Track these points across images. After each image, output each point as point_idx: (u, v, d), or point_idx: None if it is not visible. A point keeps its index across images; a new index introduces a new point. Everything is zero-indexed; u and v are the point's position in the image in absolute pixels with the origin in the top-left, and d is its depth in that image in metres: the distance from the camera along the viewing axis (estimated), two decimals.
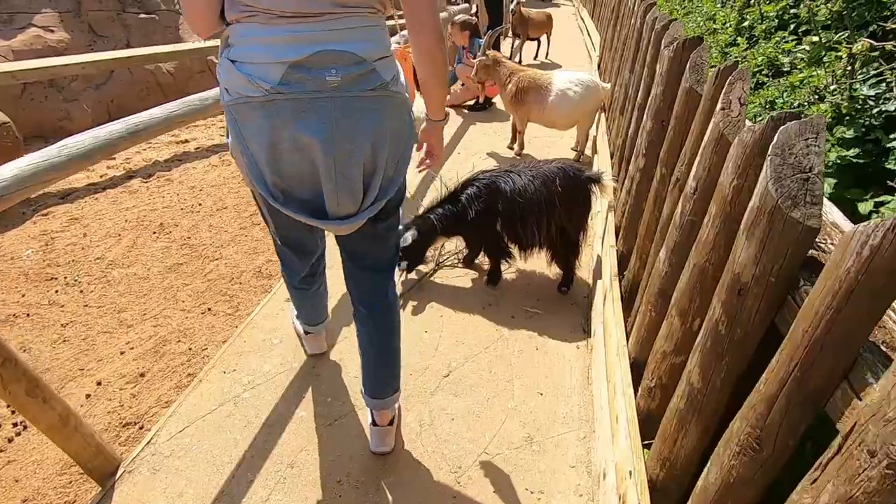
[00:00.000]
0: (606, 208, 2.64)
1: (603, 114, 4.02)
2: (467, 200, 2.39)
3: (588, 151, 4.36)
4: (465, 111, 5.42)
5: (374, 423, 1.69)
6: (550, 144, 4.59)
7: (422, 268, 2.74)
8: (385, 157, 1.21)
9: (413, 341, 2.22)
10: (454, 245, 2.90)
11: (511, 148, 4.43)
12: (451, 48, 6.31)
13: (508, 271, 2.73)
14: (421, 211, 2.66)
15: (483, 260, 2.72)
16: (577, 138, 4.34)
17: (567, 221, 2.39)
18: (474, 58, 4.51)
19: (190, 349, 2.27)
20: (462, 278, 2.69)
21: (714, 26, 3.12)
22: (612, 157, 3.15)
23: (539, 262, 2.67)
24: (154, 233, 3.13)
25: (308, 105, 1.10)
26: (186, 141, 4.70)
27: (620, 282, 2.10)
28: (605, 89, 3.95)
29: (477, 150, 4.37)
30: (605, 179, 2.43)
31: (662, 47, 1.98)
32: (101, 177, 3.91)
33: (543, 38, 7.68)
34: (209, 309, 2.52)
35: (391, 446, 1.71)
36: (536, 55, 7.87)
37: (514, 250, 2.52)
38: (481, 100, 5.37)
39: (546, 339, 2.27)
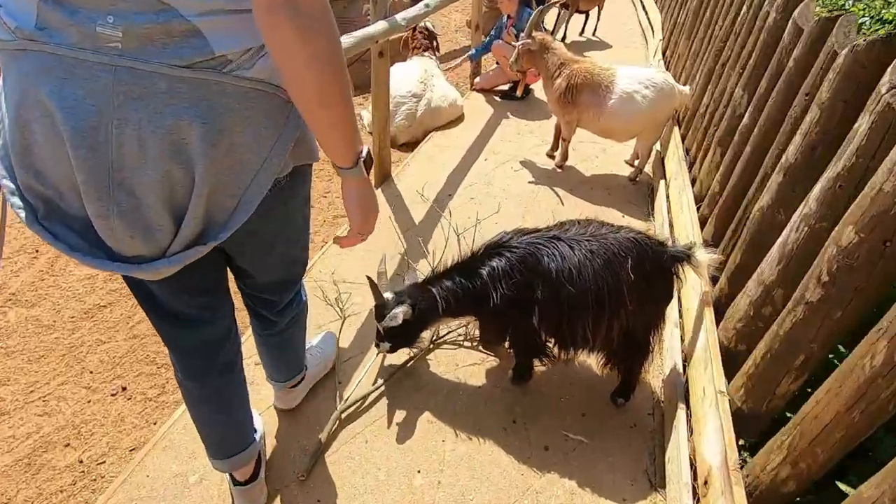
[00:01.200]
0: (700, 302, 1.81)
1: (677, 127, 3.13)
2: (491, 277, 1.61)
3: (648, 169, 3.49)
4: (497, 98, 4.52)
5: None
6: (600, 153, 3.72)
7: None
8: (215, 180, 0.82)
9: (398, 490, 1.50)
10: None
11: (551, 156, 3.58)
12: (487, 14, 5.33)
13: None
14: (413, 275, 1.89)
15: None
16: (637, 152, 3.47)
17: (636, 319, 1.61)
18: (518, 37, 3.58)
19: (80, 462, 1.58)
20: (472, 366, 1.94)
21: None
22: (693, 188, 2.32)
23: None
24: None
25: (72, 69, 0.73)
26: None
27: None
28: (683, 94, 3.05)
29: (507, 156, 3.53)
30: (700, 256, 1.63)
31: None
32: None
33: (594, 11, 6.61)
34: (123, 388, 1.82)
35: (293, 403, 1.67)
36: (583, 31, 6.81)
37: (553, 346, 1.74)
38: (519, 92, 4.41)
39: (596, 497, 1.52)
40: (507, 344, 1.83)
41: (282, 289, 1.26)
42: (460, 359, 1.97)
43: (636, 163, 3.57)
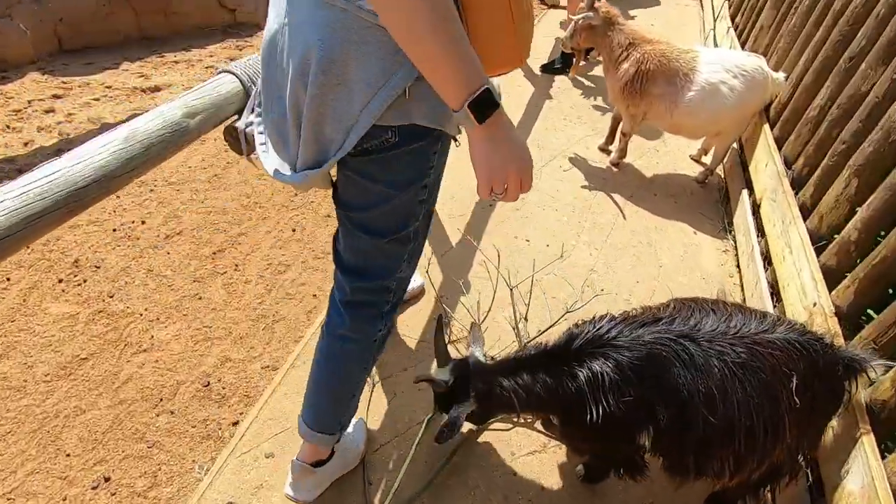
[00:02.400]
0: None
1: (768, 125, 2.59)
2: (592, 386, 1.19)
3: (720, 171, 2.98)
4: (538, 72, 3.93)
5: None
6: (659, 145, 3.20)
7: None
8: (320, 108, 0.85)
9: None
10: None
11: (604, 151, 3.07)
12: None
13: None
14: (477, 338, 1.50)
15: None
16: (706, 148, 2.95)
17: (791, 447, 1.21)
18: None
19: None
20: (532, 455, 1.57)
21: None
22: (805, 221, 1.84)
23: None
24: (60, 281, 2.03)
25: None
26: (157, 88, 3.44)
27: None
28: (777, 84, 2.51)
29: (554, 151, 3.02)
30: (878, 369, 1.21)
31: None
32: (6, 144, 2.75)
33: None
34: (106, 479, 1.49)
35: (299, 496, 1.39)
36: None
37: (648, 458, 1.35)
38: (571, 73, 3.63)
39: None
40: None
41: (362, 279, 1.11)
42: (515, 444, 1.60)
43: (705, 159, 3.07)
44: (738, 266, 2.39)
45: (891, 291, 1.49)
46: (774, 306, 1.93)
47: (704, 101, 2.48)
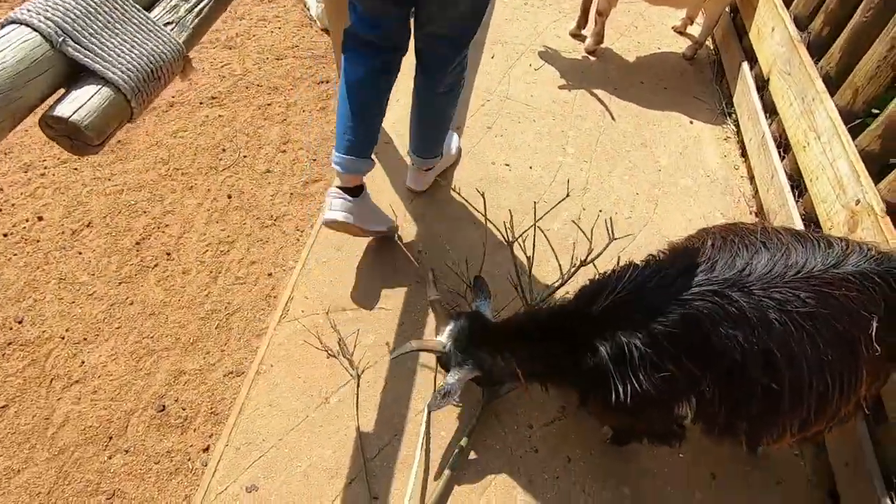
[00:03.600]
0: None
1: None
2: (618, 362, 0.96)
3: (710, 43, 2.59)
4: None
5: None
6: (637, 19, 2.75)
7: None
8: None
9: None
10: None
11: (578, 37, 2.62)
12: None
13: None
14: (484, 300, 1.24)
15: None
16: (703, 19, 2.52)
17: (864, 396, 1.01)
18: None
19: None
20: (552, 424, 1.38)
21: None
22: (833, 97, 1.54)
23: None
24: None
25: None
26: None
27: None
28: None
29: (519, 47, 2.55)
30: None
31: None
32: None
33: None
34: None
35: (424, 187, 1.86)
36: None
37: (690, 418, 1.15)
38: None
39: None
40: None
41: (456, 45, 1.43)
42: (533, 416, 1.40)
43: (691, 30, 2.66)
44: (743, 155, 2.12)
45: None
46: (798, 201, 1.69)
47: None
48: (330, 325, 1.49)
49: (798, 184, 1.71)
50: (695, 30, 2.67)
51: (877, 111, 1.65)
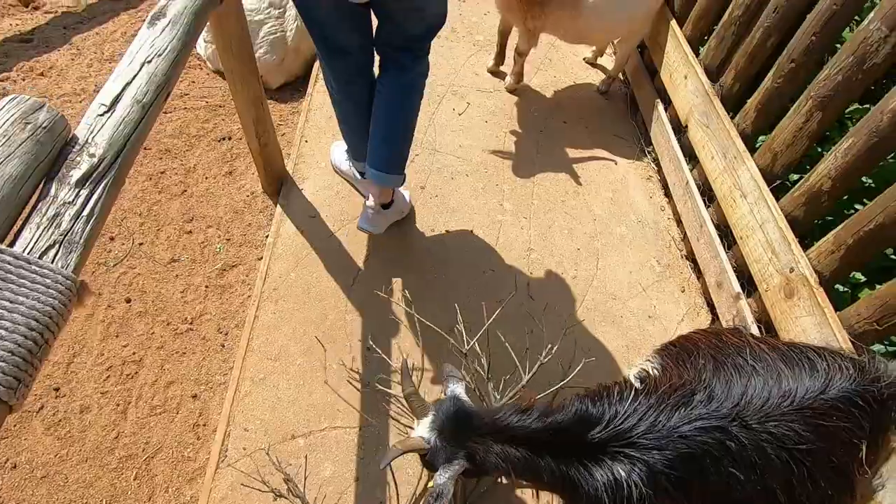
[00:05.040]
0: None
1: (675, 21, 2.23)
2: (613, 492, 0.91)
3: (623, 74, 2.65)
4: None
5: (367, 199, 1.72)
6: (550, 51, 2.75)
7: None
8: None
9: None
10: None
11: (496, 73, 2.55)
12: None
13: None
14: (456, 385, 1.13)
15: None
16: (616, 55, 2.56)
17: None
18: None
19: None
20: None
21: None
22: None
23: None
24: None
25: None
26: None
27: None
28: None
29: (440, 88, 2.43)
30: None
31: None
32: None
33: None
34: None
35: (379, 230, 1.73)
36: None
37: None
38: None
39: None
40: None
41: (423, 39, 1.48)
42: None
43: (602, 61, 2.71)
44: (667, 195, 2.20)
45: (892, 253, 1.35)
46: (728, 251, 1.78)
47: (610, 4, 2.03)
48: (274, 465, 1.29)
49: (726, 234, 1.79)
50: (606, 60, 2.73)
51: (795, 175, 1.77)
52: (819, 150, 1.77)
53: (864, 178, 1.47)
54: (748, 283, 1.67)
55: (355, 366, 1.52)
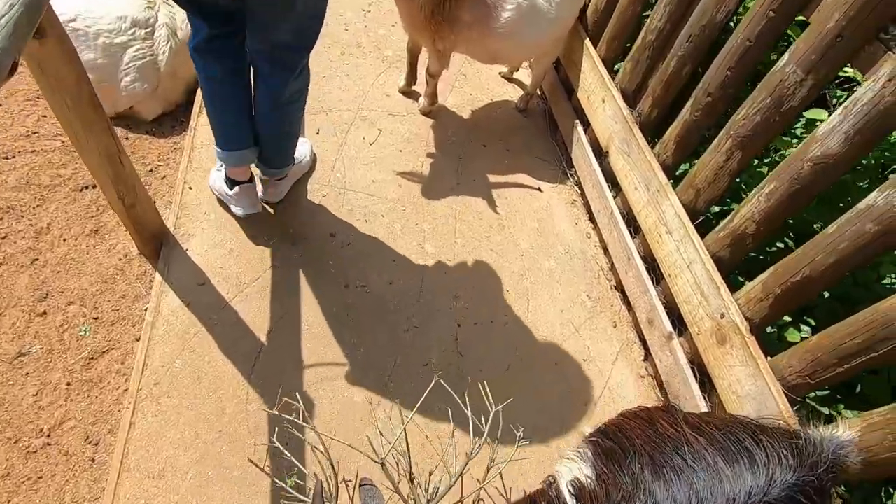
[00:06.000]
0: None
1: (588, 40, 2.15)
2: None
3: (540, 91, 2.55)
4: None
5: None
6: (466, 68, 2.60)
7: None
8: None
9: None
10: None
11: (409, 94, 2.36)
12: None
13: None
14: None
15: None
16: (532, 76, 2.44)
17: None
18: None
19: None
20: None
21: None
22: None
23: None
24: None
25: None
26: None
27: None
28: None
29: (344, 115, 2.20)
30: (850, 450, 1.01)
31: None
32: None
33: None
34: None
35: (280, 196, 1.80)
36: None
37: None
38: None
39: None
40: None
41: (298, 50, 1.40)
42: None
43: (518, 76, 2.60)
44: (591, 220, 2.13)
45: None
46: (657, 286, 1.73)
47: (524, 21, 1.90)
48: None
49: (654, 266, 1.74)
50: (523, 74, 2.62)
51: (716, 208, 1.74)
52: (741, 183, 1.76)
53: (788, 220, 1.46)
54: (679, 321, 1.63)
55: (266, 468, 1.29)
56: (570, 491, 0.90)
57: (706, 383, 1.50)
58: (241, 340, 1.49)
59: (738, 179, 1.66)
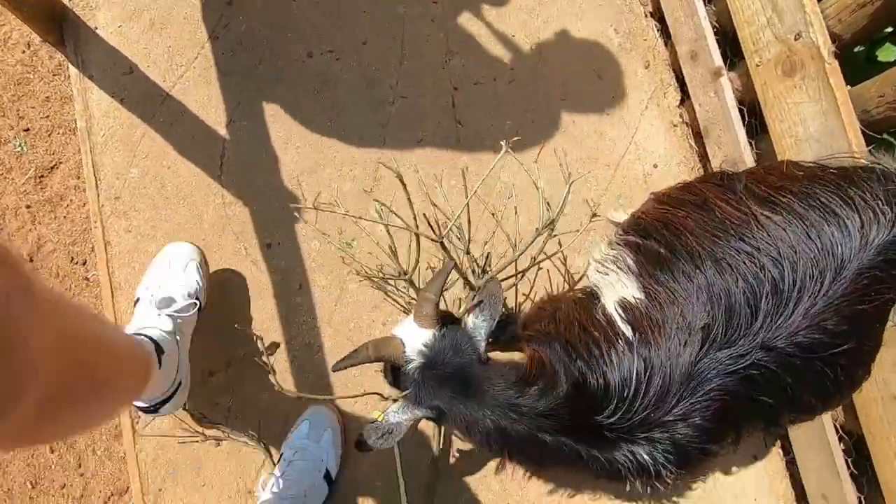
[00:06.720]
0: None
1: None
2: (633, 469, 0.79)
3: None
4: None
5: None
6: None
7: None
8: None
9: None
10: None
11: None
12: None
13: None
14: (477, 328, 0.90)
15: None
16: None
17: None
18: None
19: None
20: None
21: None
22: None
23: None
24: None
25: None
26: None
27: None
28: None
29: None
30: None
31: None
32: None
33: None
34: None
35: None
36: None
37: None
38: None
39: None
40: None
41: None
42: None
43: None
44: None
45: None
46: (709, 4, 1.32)
47: None
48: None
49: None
50: None
51: None
52: None
53: None
54: (731, 51, 1.28)
55: (256, 267, 1.22)
56: (621, 316, 0.78)
57: (756, 127, 1.25)
58: (197, 137, 1.26)
59: None
